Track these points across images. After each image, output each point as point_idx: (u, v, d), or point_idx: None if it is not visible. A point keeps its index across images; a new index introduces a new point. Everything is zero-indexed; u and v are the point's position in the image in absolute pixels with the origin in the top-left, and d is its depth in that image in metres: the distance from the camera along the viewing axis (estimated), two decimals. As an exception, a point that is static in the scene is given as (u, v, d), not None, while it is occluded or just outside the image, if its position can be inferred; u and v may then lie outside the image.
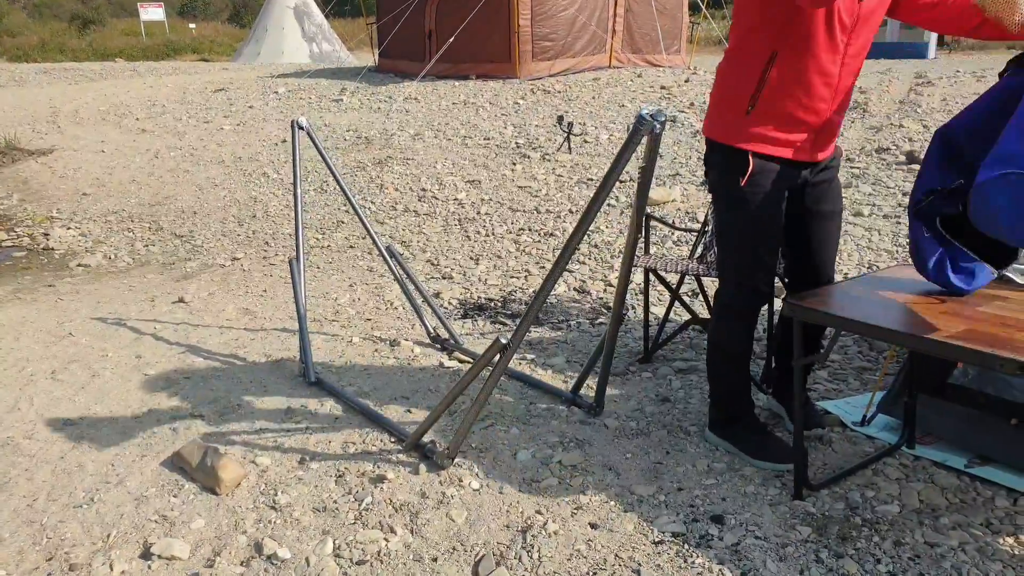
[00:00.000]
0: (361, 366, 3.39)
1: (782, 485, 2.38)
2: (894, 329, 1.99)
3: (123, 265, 5.42)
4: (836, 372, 3.27)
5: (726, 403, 2.58)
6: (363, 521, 2.24)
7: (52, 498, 2.44)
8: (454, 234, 5.61)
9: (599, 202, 2.12)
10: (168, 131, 9.47)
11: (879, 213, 5.35)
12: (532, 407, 2.91)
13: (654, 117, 2.01)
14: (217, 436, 2.76)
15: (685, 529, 2.16)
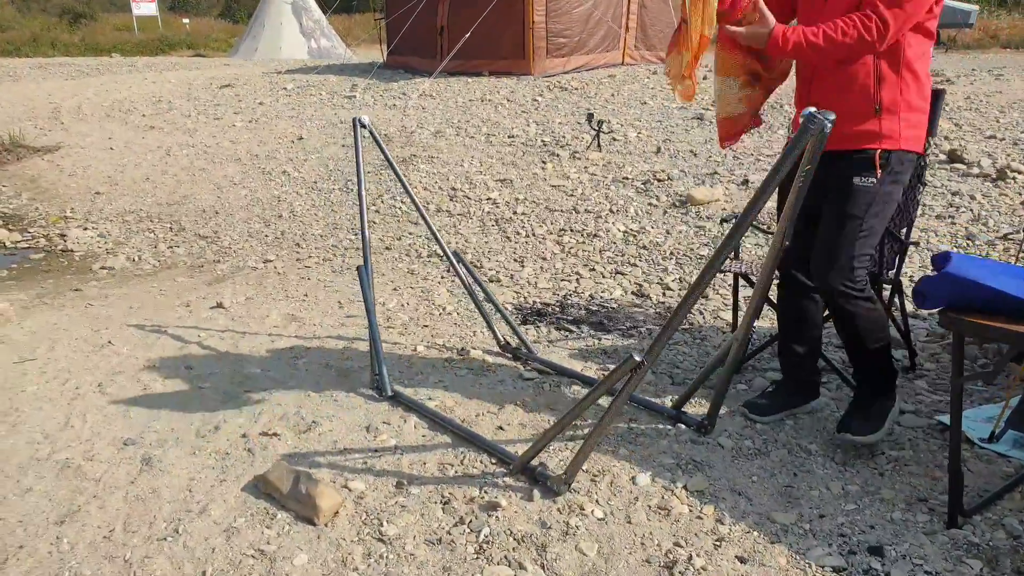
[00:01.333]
0: (434, 377, 3.18)
1: (930, 510, 2.20)
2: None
3: (148, 268, 5.18)
4: (935, 382, 3.10)
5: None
6: (486, 556, 2.04)
7: (131, 529, 2.23)
8: (493, 235, 5.40)
9: (757, 207, 1.92)
10: (178, 128, 9.20)
11: (931, 214, 5.19)
12: (633, 425, 2.72)
13: (823, 115, 1.82)
14: (299, 458, 2.55)
15: (845, 563, 1.97)
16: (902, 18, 2.20)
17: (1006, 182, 5.54)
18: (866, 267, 2.45)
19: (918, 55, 2.32)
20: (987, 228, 4.81)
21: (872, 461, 2.47)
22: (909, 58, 2.30)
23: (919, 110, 2.37)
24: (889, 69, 2.31)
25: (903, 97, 2.32)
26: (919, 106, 2.36)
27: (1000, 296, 1.98)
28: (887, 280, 2.91)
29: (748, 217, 1.96)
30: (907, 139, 2.35)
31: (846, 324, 2.51)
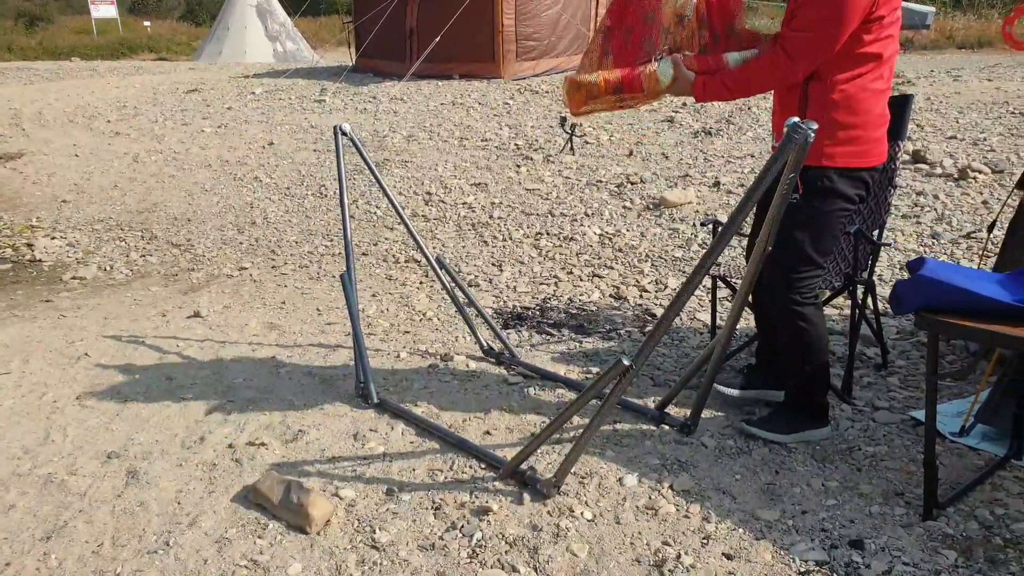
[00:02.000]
0: (419, 384, 3.20)
1: (906, 503, 2.28)
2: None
3: (121, 277, 5.12)
4: (906, 379, 3.18)
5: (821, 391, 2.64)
6: (479, 560, 2.07)
7: (120, 543, 2.22)
8: (470, 239, 5.43)
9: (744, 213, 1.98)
10: (145, 134, 9.08)
11: (898, 213, 5.32)
12: (618, 427, 2.76)
13: (807, 125, 1.88)
14: (288, 467, 2.56)
15: (827, 557, 2.04)
16: (812, 46, 2.30)
17: (967, 182, 5.70)
18: (812, 282, 2.52)
19: (851, 76, 2.36)
20: (951, 227, 4.95)
21: (850, 457, 2.54)
22: (838, 79, 2.36)
23: (851, 127, 2.39)
24: (816, 91, 2.39)
25: (831, 117, 2.38)
26: (850, 123, 2.39)
27: (971, 297, 2.05)
28: (860, 281, 2.99)
29: (734, 224, 2.01)
30: (830, 156, 2.40)
31: (782, 332, 2.60)
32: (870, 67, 2.36)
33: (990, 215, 4.93)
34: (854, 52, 2.33)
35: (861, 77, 2.37)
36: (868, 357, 3.36)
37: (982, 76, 10.40)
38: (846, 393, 2.97)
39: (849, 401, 2.94)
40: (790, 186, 2.05)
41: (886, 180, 3.09)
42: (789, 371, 2.65)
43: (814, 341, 2.55)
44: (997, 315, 2.03)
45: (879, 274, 4.27)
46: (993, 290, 2.06)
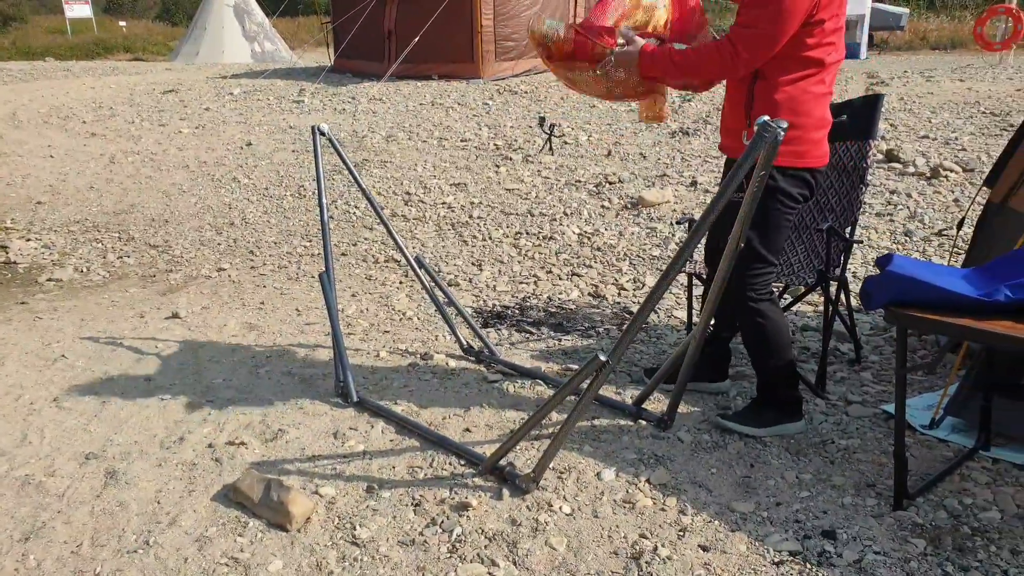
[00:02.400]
0: (399, 382, 3.22)
1: (877, 494, 2.33)
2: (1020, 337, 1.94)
3: (98, 279, 5.09)
4: (879, 373, 3.24)
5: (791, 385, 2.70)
6: (459, 555, 2.09)
7: (99, 543, 2.22)
8: (450, 239, 5.45)
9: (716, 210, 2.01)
10: (121, 135, 9.01)
11: (872, 212, 5.41)
12: (596, 422, 2.80)
13: (776, 124, 1.91)
14: (268, 466, 2.56)
15: (801, 547, 2.08)
16: (754, 41, 2.37)
17: (939, 180, 5.80)
18: (766, 279, 2.61)
19: (794, 79, 2.45)
20: (923, 225, 5.04)
21: (824, 450, 2.59)
22: (781, 80, 2.45)
23: (793, 127, 2.42)
24: (761, 91, 2.48)
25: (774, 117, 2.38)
26: (792, 124, 2.42)
27: (937, 292, 2.10)
28: (833, 277, 3.04)
29: (706, 221, 2.05)
30: None
31: (744, 330, 2.68)
32: (812, 71, 2.45)
33: (961, 213, 5.02)
34: (797, 55, 2.42)
35: (804, 80, 2.46)
36: (842, 352, 3.42)
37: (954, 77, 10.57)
38: (820, 388, 3.02)
39: (823, 396, 2.99)
40: (761, 184, 2.09)
41: (857, 178, 3.15)
42: (756, 368, 2.71)
43: (773, 335, 2.62)
44: (963, 309, 2.08)
45: (853, 271, 4.34)
46: (958, 285, 2.11)
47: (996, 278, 2.15)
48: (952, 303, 2.10)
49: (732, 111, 2.60)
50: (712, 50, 2.46)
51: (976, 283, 2.15)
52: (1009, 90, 8.90)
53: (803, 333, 3.69)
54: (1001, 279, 2.14)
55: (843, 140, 3.26)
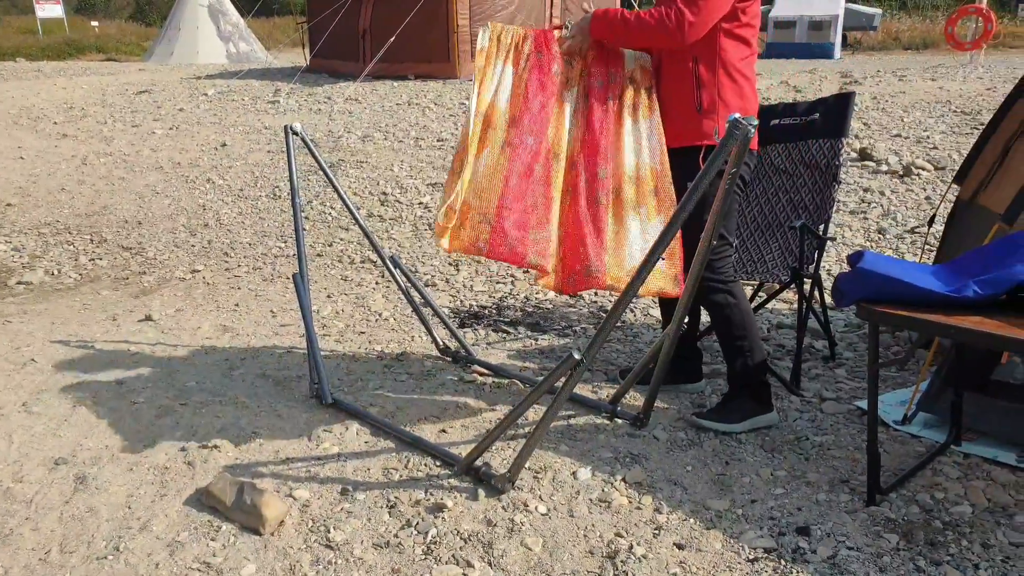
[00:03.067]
0: (374, 384, 3.20)
1: (851, 490, 2.34)
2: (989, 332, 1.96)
3: (70, 281, 5.02)
4: (853, 370, 3.27)
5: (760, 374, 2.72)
6: (435, 556, 2.08)
7: (68, 549, 2.18)
8: (426, 239, 5.43)
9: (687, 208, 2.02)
10: (93, 136, 8.89)
11: (845, 210, 5.45)
12: (572, 421, 2.79)
13: (747, 121, 1.92)
14: (241, 469, 2.53)
15: (776, 544, 2.09)
16: (697, 9, 2.44)
17: (911, 178, 5.86)
18: (727, 260, 2.69)
19: (735, 59, 2.59)
20: (896, 223, 5.09)
21: (798, 447, 2.60)
22: (726, 61, 2.58)
23: (739, 110, 2.59)
24: (707, 72, 2.58)
25: (721, 98, 2.59)
26: (738, 106, 2.60)
27: (907, 288, 2.12)
28: (807, 275, 3.06)
29: (678, 221, 2.05)
30: None
31: (711, 315, 2.73)
32: (747, 54, 2.61)
33: (932, 210, 5.07)
34: (736, 33, 2.55)
35: (741, 62, 2.60)
36: (816, 349, 3.44)
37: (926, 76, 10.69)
38: (795, 385, 3.04)
39: (798, 393, 3.01)
40: (732, 180, 2.09)
41: (830, 175, 3.18)
42: (727, 355, 2.73)
43: (739, 317, 2.67)
44: (933, 305, 2.10)
45: (827, 268, 4.38)
46: (928, 281, 2.13)
47: (964, 274, 2.18)
48: (922, 299, 2.11)
49: (675, 97, 2.65)
50: (661, 14, 2.49)
51: (945, 279, 2.17)
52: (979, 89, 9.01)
53: (778, 330, 3.71)
54: (969, 275, 2.16)
55: (815, 138, 3.28)
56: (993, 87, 9.13)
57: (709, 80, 2.58)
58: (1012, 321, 2.00)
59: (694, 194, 2.01)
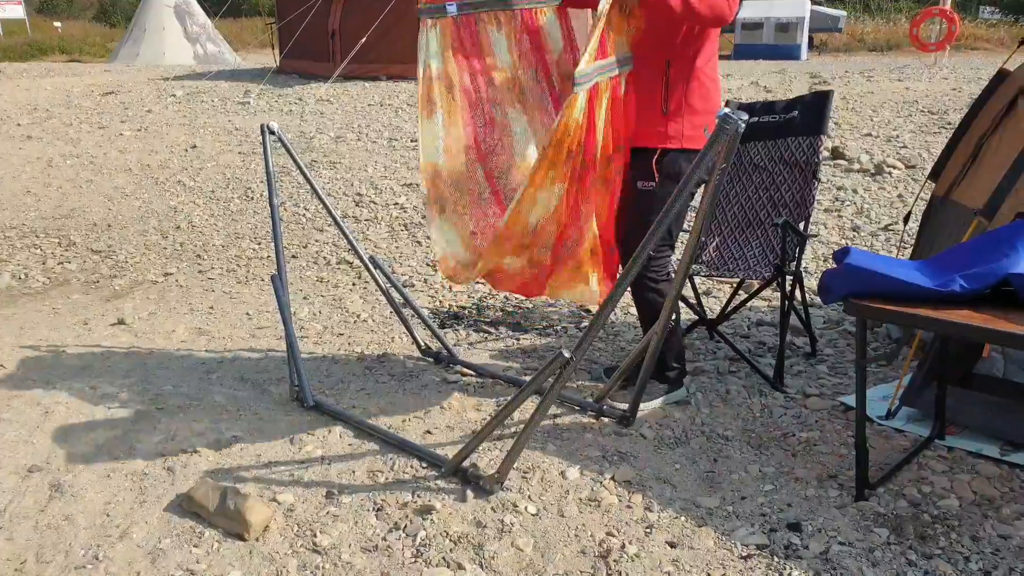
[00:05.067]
0: (356, 386, 3.15)
1: (839, 486, 2.35)
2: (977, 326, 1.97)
3: (38, 285, 4.89)
4: (835, 366, 3.29)
5: None
6: (424, 559, 2.04)
7: (44, 560, 2.12)
8: (403, 240, 5.38)
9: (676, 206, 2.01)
10: (59, 137, 8.71)
11: (820, 208, 5.51)
12: (558, 421, 2.77)
13: (737, 116, 1.91)
14: (222, 474, 2.48)
15: (767, 540, 2.08)
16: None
17: (883, 176, 5.94)
18: (666, 260, 2.75)
19: (705, 61, 2.60)
20: (870, 220, 5.15)
21: (785, 444, 2.61)
22: (698, 65, 2.58)
23: (703, 112, 2.61)
24: (678, 75, 2.57)
25: (688, 102, 2.59)
26: (703, 108, 2.61)
27: (894, 283, 2.13)
28: (789, 272, 3.07)
29: (667, 218, 2.04)
30: (689, 139, 2.61)
31: (639, 308, 2.82)
32: (713, 56, 2.62)
33: (905, 208, 5.14)
34: (711, 35, 2.55)
35: (707, 65, 2.60)
36: (798, 346, 3.46)
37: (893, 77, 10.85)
38: (778, 382, 3.05)
39: (782, 389, 3.01)
40: (722, 176, 2.09)
41: (810, 172, 3.20)
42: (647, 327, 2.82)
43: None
44: (919, 300, 2.11)
45: (804, 266, 4.41)
46: (914, 276, 2.14)
47: (950, 269, 2.19)
48: (909, 294, 2.12)
49: (642, 97, 2.63)
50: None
51: (931, 274, 2.18)
52: (945, 89, 9.17)
53: (758, 328, 3.72)
54: (955, 270, 2.17)
55: (795, 135, 3.30)
56: (958, 87, 9.31)
57: (678, 83, 2.57)
58: (998, 315, 2.02)
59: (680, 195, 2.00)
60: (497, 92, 2.92)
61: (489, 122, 2.95)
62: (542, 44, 2.89)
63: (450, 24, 2.82)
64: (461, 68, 2.86)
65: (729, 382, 3.09)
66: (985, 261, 2.14)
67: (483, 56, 2.87)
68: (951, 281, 2.12)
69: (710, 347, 3.48)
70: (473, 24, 2.84)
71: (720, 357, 3.35)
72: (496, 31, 2.86)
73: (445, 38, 2.82)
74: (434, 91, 2.86)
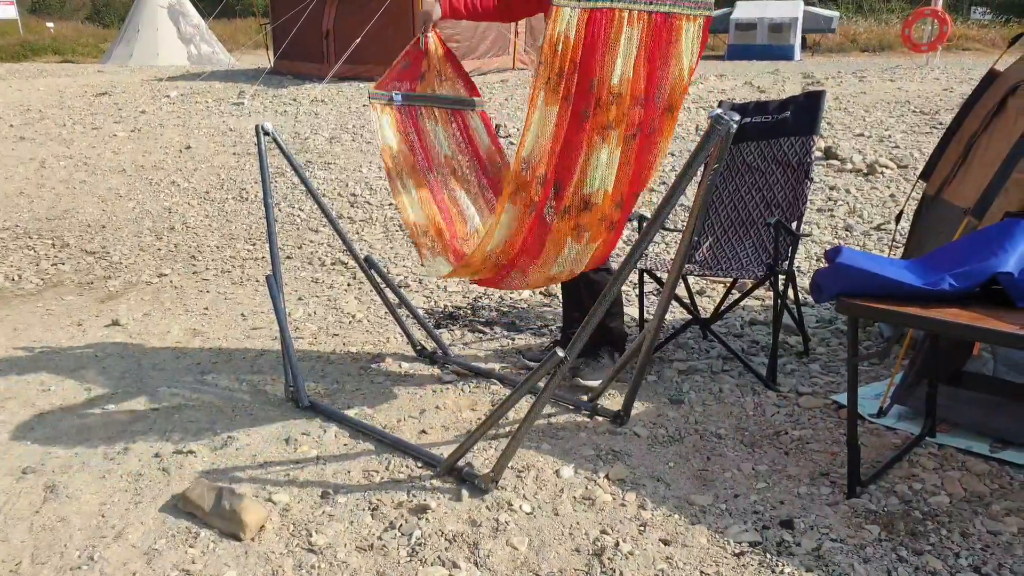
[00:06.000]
0: (351, 386, 3.16)
1: (831, 483, 2.37)
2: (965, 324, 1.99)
3: (31, 287, 4.89)
4: (827, 365, 3.30)
5: None
6: (420, 558, 2.05)
7: (39, 561, 2.12)
8: (398, 240, 5.39)
9: (669, 207, 2.02)
10: (52, 138, 8.68)
11: (813, 207, 5.53)
12: (553, 420, 2.79)
13: (729, 116, 1.93)
14: (218, 474, 2.48)
15: (760, 537, 2.10)
16: None
17: (876, 176, 5.97)
18: None
19: None
20: (862, 220, 5.17)
21: (777, 442, 2.62)
22: None
23: None
24: None
25: None
26: None
27: (884, 282, 2.15)
28: (782, 271, 3.09)
29: (659, 219, 2.06)
30: None
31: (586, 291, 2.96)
32: None
33: (897, 207, 5.17)
34: None
35: None
36: (790, 345, 3.48)
37: (885, 77, 10.89)
38: (771, 380, 3.06)
39: (774, 388, 3.03)
40: (715, 176, 2.10)
41: (802, 172, 3.21)
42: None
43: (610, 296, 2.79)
44: (910, 298, 2.13)
45: (797, 265, 4.43)
46: (904, 275, 2.16)
47: (940, 268, 2.21)
48: (899, 293, 2.14)
49: None
50: None
51: (921, 273, 2.20)
52: (936, 89, 9.21)
53: (751, 327, 3.74)
54: (944, 268, 2.20)
55: (787, 135, 3.32)
56: (949, 88, 9.34)
57: None
58: (986, 313, 2.04)
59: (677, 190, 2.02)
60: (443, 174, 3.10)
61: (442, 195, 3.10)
62: (473, 140, 3.14)
63: (396, 111, 3.02)
64: (411, 150, 3.05)
65: (722, 381, 3.10)
66: (974, 260, 2.16)
67: (425, 143, 3.09)
68: (940, 280, 2.14)
69: (704, 346, 3.50)
70: (415, 114, 3.07)
71: (713, 356, 3.37)
72: (434, 123, 3.10)
73: (393, 123, 3.02)
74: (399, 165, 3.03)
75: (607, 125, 2.30)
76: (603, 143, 2.31)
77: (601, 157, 2.34)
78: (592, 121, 2.30)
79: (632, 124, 2.33)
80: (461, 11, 2.98)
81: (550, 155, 2.31)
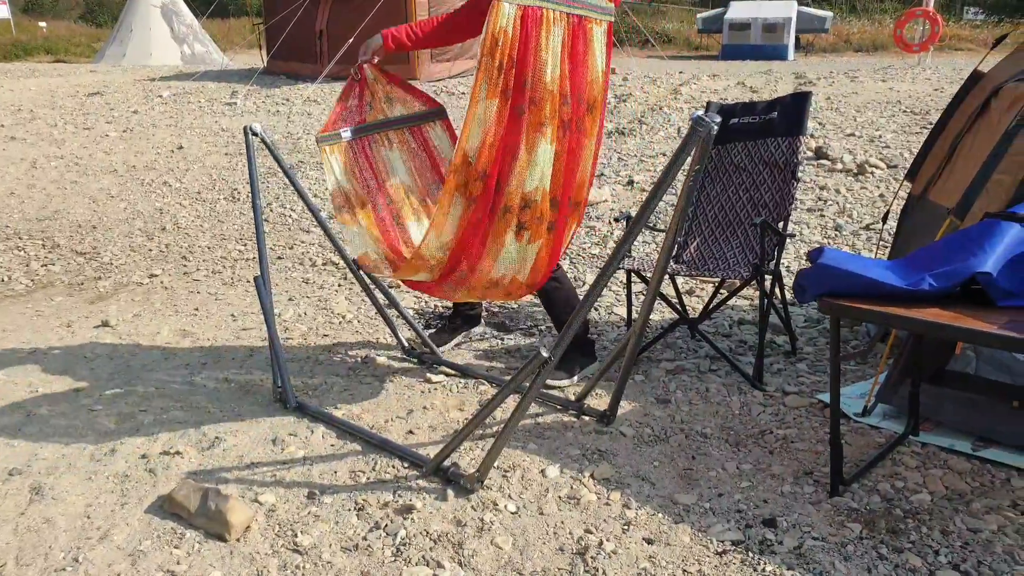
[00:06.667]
0: (339, 386, 3.16)
1: (815, 482, 2.38)
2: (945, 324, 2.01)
3: (21, 288, 4.88)
4: (814, 364, 3.32)
5: None
6: (404, 558, 2.06)
7: (24, 563, 2.12)
8: (388, 241, 5.38)
9: (652, 207, 2.03)
10: (43, 139, 8.67)
11: (803, 207, 5.55)
12: (539, 419, 2.80)
13: (710, 118, 1.94)
14: (205, 475, 2.49)
15: (743, 536, 2.11)
16: None
17: (865, 176, 5.99)
18: None
19: None
20: (852, 220, 5.19)
21: (762, 441, 2.64)
22: None
23: None
24: None
25: None
26: None
27: (866, 282, 2.17)
28: (768, 271, 3.10)
29: (643, 218, 2.07)
30: None
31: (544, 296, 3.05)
32: None
33: (886, 207, 5.19)
34: None
35: None
36: (778, 345, 3.49)
37: (877, 77, 10.92)
38: (757, 379, 3.08)
39: (761, 387, 3.05)
40: (696, 177, 2.12)
41: (789, 173, 3.23)
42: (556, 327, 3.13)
43: (563, 296, 3.03)
44: (890, 298, 2.15)
45: (786, 265, 4.45)
46: (885, 275, 2.18)
47: (920, 268, 2.23)
48: (881, 293, 2.16)
49: None
50: None
51: (902, 273, 2.22)
52: (927, 90, 9.24)
53: (739, 326, 3.76)
54: (925, 269, 2.21)
55: (774, 136, 3.34)
56: (940, 88, 9.38)
57: None
58: (966, 312, 2.05)
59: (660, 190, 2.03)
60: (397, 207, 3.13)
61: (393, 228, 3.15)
62: (434, 155, 3.15)
63: (346, 149, 3.04)
64: (364, 187, 3.09)
65: (709, 380, 3.12)
66: (954, 260, 2.18)
67: (379, 177, 3.11)
68: (921, 280, 2.15)
69: (692, 346, 3.51)
70: (367, 147, 3.09)
71: (701, 356, 3.38)
72: (388, 151, 3.10)
73: (344, 163, 3.04)
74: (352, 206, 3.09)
75: (542, 122, 2.39)
76: (541, 139, 2.40)
77: (539, 154, 2.43)
78: (528, 118, 2.38)
79: (563, 122, 2.44)
80: (405, 42, 2.99)
81: (490, 149, 2.38)
